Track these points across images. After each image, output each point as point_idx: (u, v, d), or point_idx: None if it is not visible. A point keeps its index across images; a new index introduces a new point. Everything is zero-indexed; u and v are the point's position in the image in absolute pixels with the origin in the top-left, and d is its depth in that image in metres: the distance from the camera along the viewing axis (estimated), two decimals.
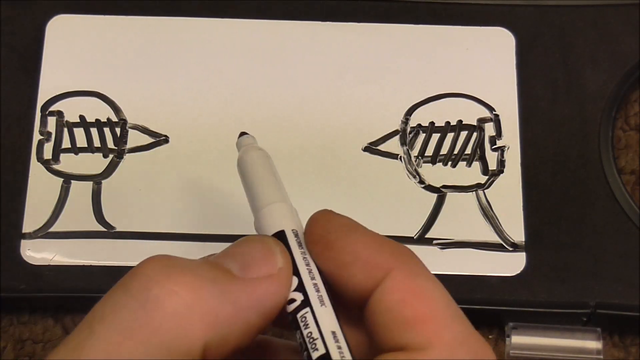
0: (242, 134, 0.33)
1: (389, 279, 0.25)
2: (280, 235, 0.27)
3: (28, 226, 0.39)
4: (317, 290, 0.26)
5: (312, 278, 0.27)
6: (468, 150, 0.41)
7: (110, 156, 0.41)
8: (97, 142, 0.41)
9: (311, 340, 0.25)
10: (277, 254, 0.26)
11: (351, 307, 0.26)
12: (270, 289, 0.25)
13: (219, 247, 0.39)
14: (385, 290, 0.25)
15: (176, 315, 0.23)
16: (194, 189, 0.40)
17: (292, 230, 0.28)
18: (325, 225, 0.27)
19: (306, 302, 0.26)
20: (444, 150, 0.41)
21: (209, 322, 0.24)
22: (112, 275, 0.39)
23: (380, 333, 0.25)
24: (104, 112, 0.42)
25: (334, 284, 0.26)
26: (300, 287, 0.26)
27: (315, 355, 0.25)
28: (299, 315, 0.26)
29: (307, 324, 0.26)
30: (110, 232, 0.40)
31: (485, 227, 0.40)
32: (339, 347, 0.25)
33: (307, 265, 0.27)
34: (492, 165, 0.41)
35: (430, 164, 0.41)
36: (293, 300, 0.26)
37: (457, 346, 0.24)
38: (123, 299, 0.24)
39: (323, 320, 0.25)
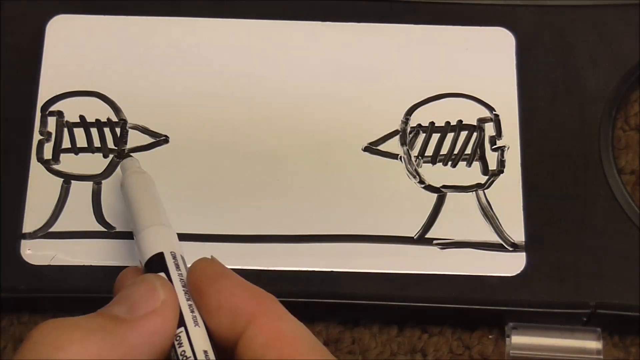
0: (126, 156, 0.36)
1: (253, 325, 0.27)
2: (159, 257, 0.29)
3: (28, 226, 0.39)
4: (192, 311, 0.28)
5: (188, 299, 0.28)
6: (468, 150, 0.41)
7: (111, 156, 0.41)
8: (97, 142, 0.41)
9: (184, 358, 0.27)
10: (159, 289, 0.28)
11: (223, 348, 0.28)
12: (156, 322, 0.27)
13: (218, 247, 0.40)
14: (250, 335, 0.27)
15: None
16: (193, 189, 0.40)
17: (171, 252, 0.30)
18: (198, 272, 0.29)
19: (181, 322, 0.28)
20: (444, 150, 0.41)
21: None
22: (113, 276, 0.39)
23: None
24: (104, 112, 0.42)
25: (208, 330, 0.28)
26: None
27: None
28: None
29: (181, 343, 0.27)
30: (110, 232, 0.40)
31: (485, 227, 0.40)
32: None
33: (184, 286, 0.29)
34: (492, 165, 0.41)
35: (430, 164, 0.41)
36: None
37: None
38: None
39: (196, 339, 0.27)
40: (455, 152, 0.41)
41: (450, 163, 0.41)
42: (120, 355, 0.26)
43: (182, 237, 0.39)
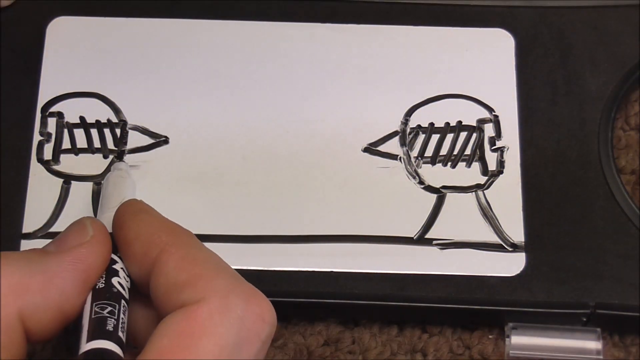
0: (120, 160, 0.40)
1: (165, 253, 0.28)
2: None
3: (28, 226, 0.39)
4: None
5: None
6: (468, 151, 0.41)
7: (111, 157, 0.41)
8: (97, 143, 0.41)
9: (99, 287, 0.29)
10: (88, 226, 0.29)
11: (142, 290, 0.29)
12: (80, 253, 0.28)
13: (219, 248, 0.39)
14: (162, 262, 0.28)
15: None
16: (193, 189, 0.40)
17: None
18: (122, 208, 0.31)
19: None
20: (444, 150, 0.41)
21: (17, 291, 0.26)
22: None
23: (161, 302, 0.27)
24: (104, 113, 0.42)
25: (125, 263, 0.30)
26: None
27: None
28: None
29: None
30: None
31: (484, 227, 0.40)
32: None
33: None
34: (492, 166, 0.41)
35: (429, 165, 0.41)
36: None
37: (228, 293, 0.27)
38: None
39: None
40: (455, 152, 0.41)
41: (449, 164, 0.41)
42: (41, 282, 0.27)
43: None
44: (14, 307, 0.26)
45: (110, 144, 0.41)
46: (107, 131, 0.41)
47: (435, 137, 0.41)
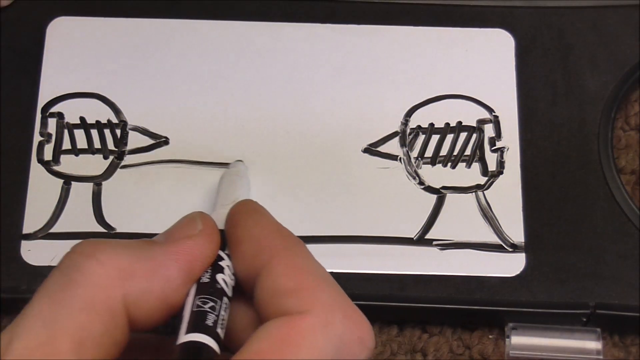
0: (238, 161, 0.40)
1: (275, 258, 0.28)
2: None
3: (28, 227, 0.39)
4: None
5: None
6: (468, 152, 0.41)
7: (111, 157, 0.41)
8: (97, 144, 0.41)
9: (203, 282, 0.29)
10: (197, 220, 0.30)
11: (245, 291, 0.29)
12: (187, 245, 0.28)
13: None
14: (271, 266, 0.28)
15: (93, 274, 0.26)
16: (193, 190, 0.40)
17: None
18: (237, 207, 0.31)
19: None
20: (444, 151, 0.41)
21: (124, 276, 0.27)
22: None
23: (264, 306, 0.27)
24: (105, 114, 0.42)
25: (233, 261, 0.30)
26: None
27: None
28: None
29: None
30: (110, 233, 0.40)
31: (484, 228, 0.40)
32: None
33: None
34: (492, 166, 0.41)
35: (429, 165, 0.41)
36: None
37: (332, 309, 0.27)
38: (54, 273, 0.27)
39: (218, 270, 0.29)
40: (455, 153, 0.41)
41: (449, 164, 0.41)
42: (147, 269, 0.27)
43: None
44: (119, 291, 0.26)
45: (111, 145, 0.41)
46: (107, 132, 0.41)
47: (435, 138, 0.41)
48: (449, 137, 0.41)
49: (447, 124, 0.42)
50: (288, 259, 0.28)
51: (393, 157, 0.41)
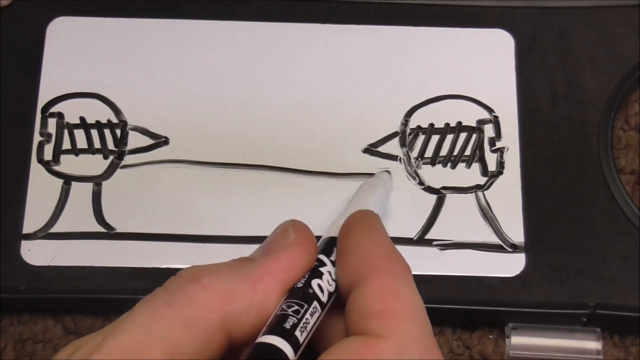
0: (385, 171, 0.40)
1: (373, 276, 0.28)
2: (333, 240, 0.31)
3: (28, 227, 0.39)
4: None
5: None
6: (467, 152, 0.41)
7: (111, 157, 0.41)
8: (97, 144, 0.41)
9: (299, 289, 0.29)
10: (290, 230, 0.30)
11: (342, 298, 0.29)
12: (282, 257, 0.29)
13: (219, 249, 0.40)
14: (367, 283, 0.28)
15: (196, 297, 0.27)
16: (193, 190, 0.40)
17: None
18: (354, 218, 0.31)
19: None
20: (444, 151, 0.41)
21: (225, 297, 0.27)
22: (112, 276, 0.39)
23: (351, 321, 0.28)
24: (105, 114, 0.42)
25: (337, 269, 0.30)
26: None
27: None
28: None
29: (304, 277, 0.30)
30: (110, 233, 0.40)
31: (484, 228, 0.40)
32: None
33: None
34: (492, 167, 0.41)
35: (429, 166, 0.41)
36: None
37: (411, 341, 0.27)
38: (158, 290, 0.28)
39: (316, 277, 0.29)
40: (455, 153, 0.41)
41: (449, 164, 0.41)
42: (246, 288, 0.28)
43: (182, 238, 0.39)
44: (219, 313, 0.27)
45: (111, 145, 0.41)
46: (107, 132, 0.41)
47: (435, 138, 0.41)
48: (449, 137, 0.41)
49: (447, 124, 0.42)
50: (385, 279, 0.28)
51: (393, 157, 0.41)
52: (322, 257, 0.30)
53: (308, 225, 0.31)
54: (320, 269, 0.30)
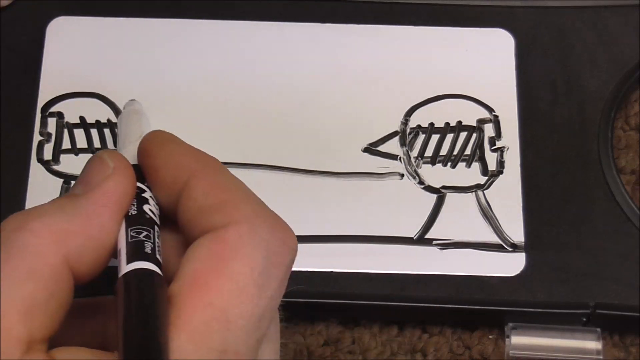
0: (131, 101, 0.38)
1: (194, 178, 0.28)
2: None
3: None
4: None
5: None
6: (467, 151, 0.41)
7: None
8: (97, 143, 0.41)
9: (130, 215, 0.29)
10: (107, 159, 0.29)
11: (167, 215, 0.30)
12: (108, 186, 0.28)
13: None
14: (191, 187, 0.28)
15: (28, 246, 0.26)
16: None
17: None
18: (148, 137, 0.31)
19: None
20: (444, 151, 0.41)
21: (61, 239, 0.27)
22: (111, 276, 0.39)
23: (190, 226, 0.28)
24: (104, 114, 0.42)
25: (153, 191, 0.30)
26: None
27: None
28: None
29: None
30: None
31: (484, 227, 0.40)
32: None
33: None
34: (492, 166, 0.41)
35: (429, 165, 0.41)
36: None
37: (255, 219, 0.27)
38: None
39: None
40: (455, 152, 0.41)
41: (449, 164, 0.41)
42: (80, 224, 0.27)
43: None
44: (58, 255, 0.26)
45: (111, 144, 0.41)
46: (107, 131, 0.41)
47: (435, 137, 0.41)
48: (449, 137, 0.41)
49: (447, 124, 0.42)
50: (206, 177, 0.28)
51: (393, 157, 0.41)
52: (138, 184, 0.30)
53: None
54: (143, 195, 0.30)
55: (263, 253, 0.27)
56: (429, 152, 0.41)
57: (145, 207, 0.29)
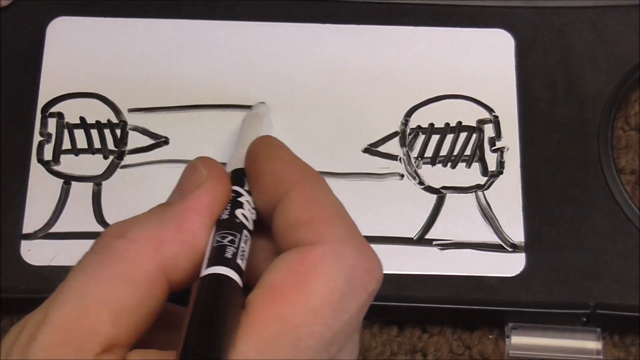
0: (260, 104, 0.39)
1: (293, 190, 0.29)
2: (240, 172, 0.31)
3: (28, 227, 0.39)
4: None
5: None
6: (467, 152, 0.41)
7: (111, 157, 0.41)
8: (97, 144, 0.41)
9: (224, 219, 0.29)
10: (199, 167, 0.30)
11: (264, 222, 0.30)
12: (200, 193, 0.29)
13: None
14: (288, 198, 0.29)
15: (126, 251, 0.27)
16: None
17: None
18: (257, 144, 0.31)
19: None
20: (444, 151, 0.41)
21: (156, 244, 0.27)
22: None
23: (280, 237, 0.28)
24: (104, 114, 0.42)
25: (253, 195, 0.30)
26: None
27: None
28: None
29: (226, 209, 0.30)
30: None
31: (484, 227, 0.40)
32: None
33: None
34: (492, 166, 0.41)
35: (430, 165, 0.41)
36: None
37: (343, 242, 0.27)
38: (87, 254, 0.28)
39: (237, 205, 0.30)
40: (455, 153, 0.41)
41: (449, 164, 0.41)
42: (174, 231, 0.28)
43: None
44: (154, 262, 0.27)
45: (111, 145, 0.41)
46: (107, 132, 0.41)
47: (435, 138, 0.41)
48: (449, 137, 0.41)
49: (447, 124, 0.42)
50: (304, 191, 0.29)
51: (393, 157, 0.41)
52: (236, 188, 0.30)
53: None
54: (239, 199, 0.30)
55: (345, 277, 0.27)
56: (429, 153, 0.41)
57: (238, 212, 0.29)
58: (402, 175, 0.41)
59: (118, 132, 0.41)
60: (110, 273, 0.27)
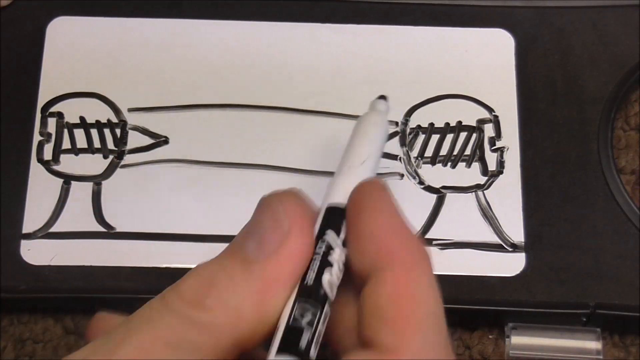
0: (381, 97, 0.33)
1: (390, 270, 0.26)
2: (340, 211, 0.28)
3: (28, 226, 0.39)
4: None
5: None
6: (467, 151, 0.41)
7: (110, 157, 0.41)
8: (97, 143, 0.41)
9: (307, 283, 0.26)
10: (281, 214, 0.27)
11: (355, 284, 0.27)
12: (284, 257, 0.26)
13: (220, 248, 0.39)
14: (382, 280, 0.25)
15: (201, 323, 0.25)
16: (193, 190, 0.40)
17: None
18: (364, 195, 0.28)
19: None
20: (444, 151, 0.41)
21: (233, 320, 0.25)
22: (112, 276, 0.39)
23: (364, 320, 0.25)
24: (104, 114, 0.42)
25: (349, 251, 0.27)
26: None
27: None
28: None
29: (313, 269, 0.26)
30: (110, 233, 0.40)
31: (484, 227, 0.40)
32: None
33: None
34: (492, 166, 0.41)
35: (429, 165, 0.41)
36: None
37: (423, 354, 0.25)
38: (158, 311, 0.25)
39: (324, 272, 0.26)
40: (455, 153, 0.41)
41: (449, 164, 0.41)
42: (254, 302, 0.25)
43: (182, 237, 0.39)
44: (229, 337, 0.25)
45: (111, 144, 0.41)
46: (107, 131, 0.41)
47: (435, 137, 0.41)
48: (449, 137, 0.41)
49: (447, 124, 0.42)
50: (402, 275, 0.25)
51: (393, 157, 0.41)
52: (330, 237, 0.27)
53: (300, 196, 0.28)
54: (330, 257, 0.26)
55: None
56: (429, 152, 0.41)
57: (325, 278, 0.26)
58: (402, 175, 0.41)
59: (118, 131, 0.41)
60: (182, 342, 0.25)
